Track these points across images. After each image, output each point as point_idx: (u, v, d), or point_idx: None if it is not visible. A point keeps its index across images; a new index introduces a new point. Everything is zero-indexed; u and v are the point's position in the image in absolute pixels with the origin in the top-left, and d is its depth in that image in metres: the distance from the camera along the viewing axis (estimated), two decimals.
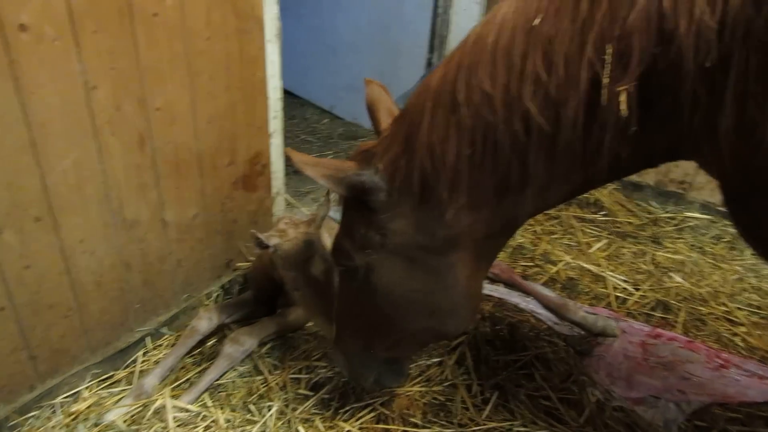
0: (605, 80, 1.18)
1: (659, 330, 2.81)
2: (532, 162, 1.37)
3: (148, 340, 2.58)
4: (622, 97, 1.18)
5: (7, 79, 1.73)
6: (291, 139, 5.31)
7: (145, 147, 2.24)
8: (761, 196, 1.28)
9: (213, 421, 2.22)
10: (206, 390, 2.35)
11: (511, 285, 3.05)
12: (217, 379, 2.41)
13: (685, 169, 3.93)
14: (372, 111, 1.85)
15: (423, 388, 2.40)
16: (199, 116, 2.44)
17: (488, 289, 3.03)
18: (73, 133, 1.97)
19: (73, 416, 2.21)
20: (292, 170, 4.50)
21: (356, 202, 1.63)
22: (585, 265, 3.34)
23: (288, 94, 6.03)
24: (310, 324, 2.72)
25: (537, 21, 1.24)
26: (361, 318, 1.89)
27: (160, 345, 2.62)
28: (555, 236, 3.67)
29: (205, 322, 2.55)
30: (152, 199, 2.36)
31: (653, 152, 1.39)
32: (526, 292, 3.00)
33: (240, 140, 2.73)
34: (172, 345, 2.59)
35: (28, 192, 1.91)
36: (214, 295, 2.87)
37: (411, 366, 2.50)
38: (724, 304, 3.03)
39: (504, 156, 1.38)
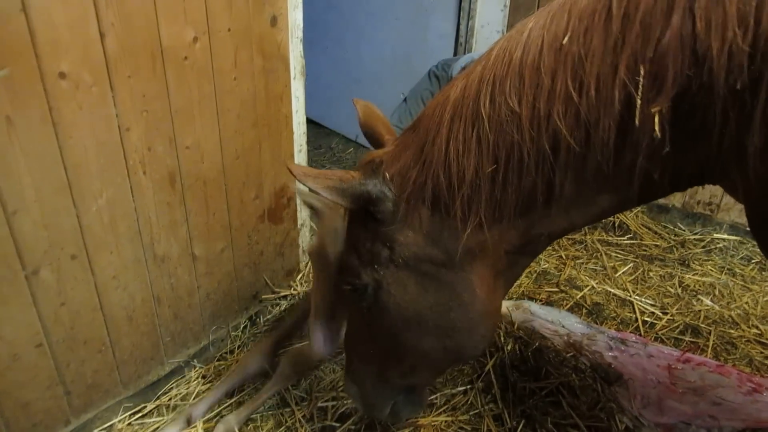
0: (639, 101, 1.16)
1: (688, 354, 2.77)
2: (558, 182, 1.33)
3: (188, 372, 2.63)
4: (656, 119, 1.16)
5: (47, 124, 1.82)
6: (317, 168, 5.39)
7: (175, 184, 2.32)
8: None
9: None
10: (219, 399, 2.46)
11: None
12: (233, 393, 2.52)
13: (711, 190, 3.90)
14: (369, 128, 1.80)
15: (449, 418, 2.40)
16: (226, 153, 2.52)
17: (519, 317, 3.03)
18: (107, 173, 2.05)
19: None
20: None
21: (361, 214, 1.56)
22: (611, 290, 3.31)
23: (314, 124, 6.17)
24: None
25: (565, 40, 1.23)
26: (372, 343, 1.79)
27: (191, 377, 2.67)
28: (580, 261, 3.65)
29: (258, 358, 2.55)
30: (182, 234, 2.43)
31: (682, 175, 1.35)
32: None
33: (266, 174, 2.80)
34: (203, 376, 2.64)
35: (65, 231, 1.99)
36: (242, 326, 2.92)
37: (436, 395, 2.51)
38: (756, 327, 2.99)
39: (529, 175, 1.33)
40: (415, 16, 4.85)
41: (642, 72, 1.15)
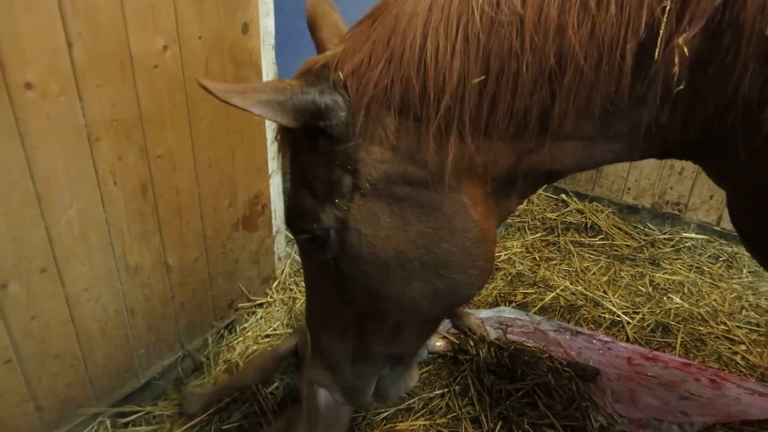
0: (663, 28, 1.00)
1: (655, 352, 2.83)
2: (557, 112, 1.11)
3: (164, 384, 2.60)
4: (678, 51, 1.00)
5: (13, 136, 1.79)
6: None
7: (147, 194, 2.30)
8: None
9: None
10: None
11: None
12: None
13: (679, 191, 4.00)
14: (313, 28, 1.49)
15: (426, 422, 2.41)
16: (199, 161, 2.50)
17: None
18: (77, 184, 2.02)
19: None
20: None
21: (309, 137, 1.23)
22: (584, 290, 3.37)
23: None
24: None
25: None
26: (343, 306, 1.45)
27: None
28: (553, 262, 3.71)
29: (256, 373, 2.50)
30: (155, 244, 2.41)
31: (684, 130, 1.18)
32: None
33: (240, 182, 2.79)
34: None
35: (34, 244, 1.95)
36: (217, 335, 2.90)
37: (413, 399, 2.52)
38: (724, 323, 3.06)
39: (524, 96, 1.10)
40: None
41: None
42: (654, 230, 4.09)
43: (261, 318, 3.08)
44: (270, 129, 2.90)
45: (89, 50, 1.91)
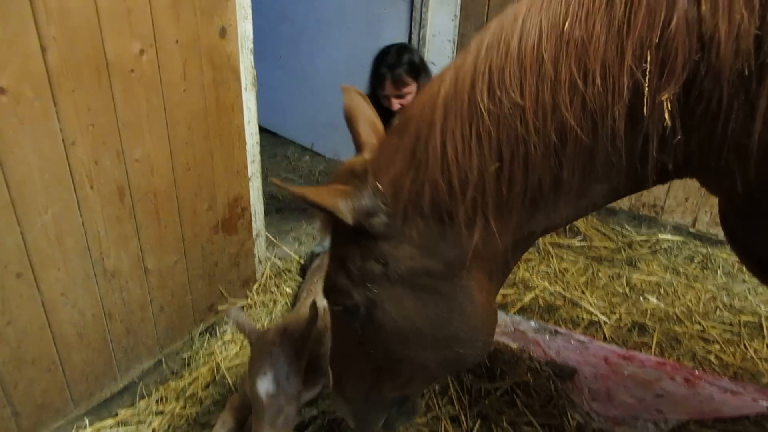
0: (646, 89, 1.10)
1: (632, 352, 2.88)
2: (566, 176, 1.24)
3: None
4: (666, 107, 1.10)
5: None
6: (272, 177, 5.38)
7: (124, 198, 2.30)
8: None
9: None
10: None
11: None
12: None
13: (655, 193, 4.06)
14: (351, 121, 1.68)
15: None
16: (177, 165, 2.50)
17: None
18: (53, 188, 2.02)
19: None
20: (274, 209, 4.57)
21: (349, 230, 1.41)
22: (562, 291, 3.41)
23: (269, 134, 6.14)
24: None
25: (566, 26, 1.16)
26: (365, 359, 1.68)
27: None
28: (533, 263, 3.75)
29: (234, 414, 2.31)
30: (132, 248, 2.40)
31: (682, 163, 1.27)
32: None
33: (219, 185, 2.79)
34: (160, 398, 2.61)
35: (8, 249, 1.94)
36: (197, 338, 2.90)
37: None
38: (699, 323, 3.12)
39: (536, 170, 1.24)
40: (368, 26, 4.89)
41: (649, 58, 1.10)
42: (631, 232, 4.14)
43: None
44: (249, 134, 2.91)
45: (64, 55, 1.91)
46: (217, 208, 2.82)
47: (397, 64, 3.41)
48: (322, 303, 2.16)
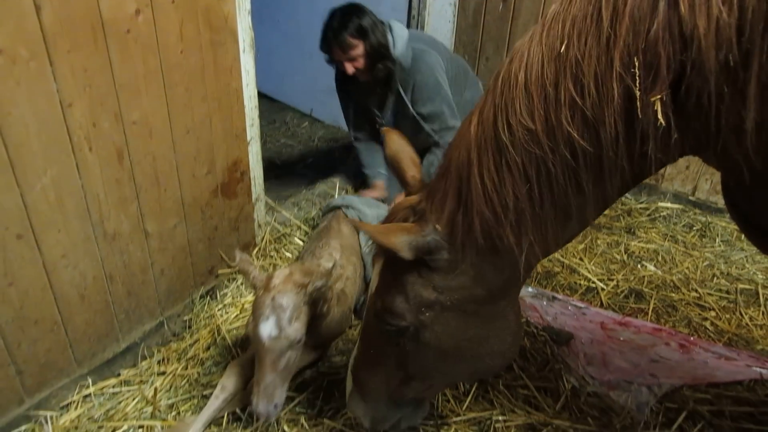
0: (637, 92, 1.19)
1: (628, 318, 2.91)
2: (585, 184, 1.36)
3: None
4: (658, 107, 1.18)
5: None
6: (272, 143, 5.36)
7: (123, 161, 2.29)
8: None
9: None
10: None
11: None
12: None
13: None
14: (395, 162, 1.85)
15: None
16: (175, 128, 2.49)
17: None
18: (51, 150, 2.01)
19: (62, 428, 2.26)
20: (273, 175, 4.57)
21: (413, 263, 1.56)
22: (560, 258, 3.42)
23: (268, 99, 6.09)
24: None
25: (563, 48, 1.26)
26: (396, 369, 1.81)
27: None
28: None
29: (234, 379, 2.34)
30: (133, 211, 2.41)
31: (682, 152, 1.38)
32: None
33: (218, 149, 2.78)
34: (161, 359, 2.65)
35: (9, 210, 1.95)
36: (198, 301, 2.92)
37: None
38: (695, 290, 3.14)
39: (559, 184, 1.37)
40: None
41: (637, 63, 1.18)
42: (631, 200, 4.14)
43: (241, 284, 3.11)
44: (247, 97, 2.89)
45: (58, 14, 1.88)
46: (216, 172, 2.82)
47: (341, 28, 3.33)
48: (330, 263, 2.28)
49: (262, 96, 3.23)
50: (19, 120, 1.88)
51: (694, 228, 3.77)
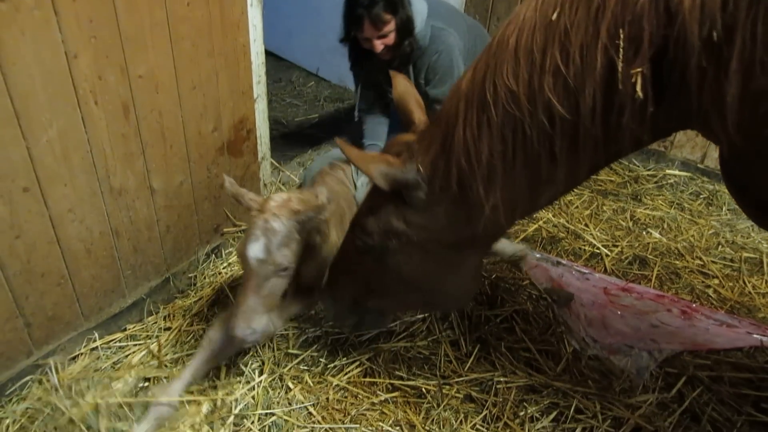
0: (620, 64, 1.22)
1: (630, 284, 2.92)
2: (558, 151, 1.41)
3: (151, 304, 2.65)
4: (638, 80, 1.21)
5: None
6: (277, 102, 5.30)
7: (129, 115, 2.26)
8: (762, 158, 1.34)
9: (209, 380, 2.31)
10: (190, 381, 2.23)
11: None
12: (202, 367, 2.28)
13: None
14: (402, 104, 1.90)
15: (408, 344, 2.50)
16: (182, 83, 2.45)
17: None
18: (57, 103, 1.99)
19: (69, 377, 2.29)
20: (279, 134, 4.53)
21: (391, 194, 1.68)
22: (566, 223, 3.42)
23: (274, 57, 6.00)
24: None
25: (554, 16, 1.29)
26: (362, 278, 1.98)
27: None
28: None
29: (220, 331, 2.29)
30: (138, 167, 2.39)
31: (668, 126, 1.42)
32: None
33: (224, 106, 2.75)
34: (167, 314, 2.67)
35: (15, 162, 1.93)
36: (202, 259, 2.94)
37: (395, 323, 2.60)
38: (700, 258, 3.15)
39: (533, 148, 1.43)
40: None
41: (622, 35, 1.20)
42: (638, 167, 4.12)
43: None
44: (254, 53, 2.84)
45: None
46: (222, 129, 2.79)
47: (373, 3, 3.06)
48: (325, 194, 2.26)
49: (267, 54, 3.17)
50: (25, 70, 1.85)
51: (701, 196, 3.75)
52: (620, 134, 1.33)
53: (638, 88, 1.21)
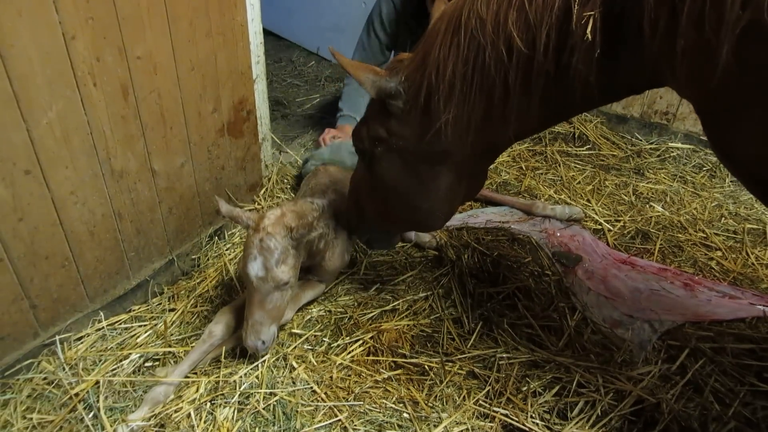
0: (575, 6, 1.33)
1: (633, 258, 2.92)
2: (512, 82, 1.55)
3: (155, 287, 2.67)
4: (589, 22, 1.32)
5: None
6: (278, 82, 5.27)
7: (128, 97, 2.26)
8: (727, 114, 1.36)
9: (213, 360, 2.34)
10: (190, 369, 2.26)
11: (484, 199, 3.38)
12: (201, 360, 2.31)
13: (669, 100, 3.97)
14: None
15: (411, 322, 2.52)
16: (180, 64, 2.44)
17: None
18: (56, 84, 1.98)
19: (75, 356, 2.32)
20: (279, 115, 4.52)
21: (380, 101, 1.88)
22: (568, 198, 3.42)
23: (273, 36, 5.96)
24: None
25: None
26: (365, 191, 2.26)
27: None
28: (539, 171, 3.74)
29: (222, 327, 2.35)
30: (139, 149, 2.39)
31: (627, 78, 1.51)
32: (498, 202, 3.34)
33: (223, 87, 2.74)
34: (171, 296, 2.69)
35: (15, 145, 1.94)
36: (205, 241, 2.95)
37: (398, 301, 2.62)
38: (702, 231, 3.14)
39: (490, 75, 1.57)
40: None
41: None
42: (641, 140, 4.10)
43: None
44: (252, 32, 2.82)
45: None
46: (222, 110, 2.78)
47: None
48: (322, 202, 2.47)
49: (267, 33, 3.16)
50: (23, 52, 1.84)
51: (704, 168, 3.74)
52: (569, 75, 1.45)
53: (588, 30, 1.32)
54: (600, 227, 3.19)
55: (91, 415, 2.09)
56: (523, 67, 1.51)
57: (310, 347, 2.42)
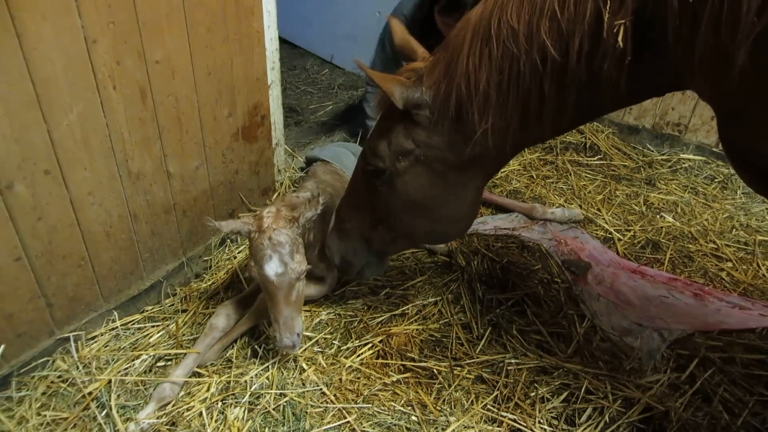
0: (606, 15, 1.36)
1: (643, 267, 2.92)
2: (547, 89, 1.58)
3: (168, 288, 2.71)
4: (620, 30, 1.35)
5: (10, 35, 1.78)
6: (291, 90, 5.33)
7: (146, 100, 2.31)
8: (744, 115, 1.41)
9: (225, 361, 2.36)
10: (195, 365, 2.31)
11: (484, 201, 3.40)
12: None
13: (681, 111, 3.97)
14: (405, 46, 2.06)
15: (420, 326, 2.53)
16: (197, 69, 2.49)
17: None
18: (76, 87, 2.03)
19: (89, 355, 2.35)
20: (292, 122, 4.56)
21: (400, 113, 1.85)
22: (578, 208, 3.42)
23: (288, 44, 6.02)
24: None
25: None
26: (370, 212, 2.16)
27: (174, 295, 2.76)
28: (550, 180, 3.75)
29: (223, 318, 2.43)
30: (156, 151, 2.44)
31: (652, 80, 1.56)
32: (498, 205, 3.37)
33: (239, 92, 2.78)
34: (184, 297, 2.72)
35: (36, 146, 1.98)
36: (218, 244, 2.98)
37: (408, 306, 2.64)
38: (713, 242, 3.14)
39: (525, 83, 1.59)
40: None
41: None
42: (653, 151, 4.10)
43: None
44: (268, 39, 2.87)
45: None
46: (237, 114, 2.83)
47: None
48: (305, 194, 2.49)
49: (282, 41, 3.20)
50: (46, 55, 1.89)
51: (716, 180, 3.73)
52: (601, 79, 1.48)
53: (620, 38, 1.35)
54: (610, 236, 3.19)
55: (103, 413, 2.12)
56: (558, 74, 1.54)
57: (320, 349, 2.44)
